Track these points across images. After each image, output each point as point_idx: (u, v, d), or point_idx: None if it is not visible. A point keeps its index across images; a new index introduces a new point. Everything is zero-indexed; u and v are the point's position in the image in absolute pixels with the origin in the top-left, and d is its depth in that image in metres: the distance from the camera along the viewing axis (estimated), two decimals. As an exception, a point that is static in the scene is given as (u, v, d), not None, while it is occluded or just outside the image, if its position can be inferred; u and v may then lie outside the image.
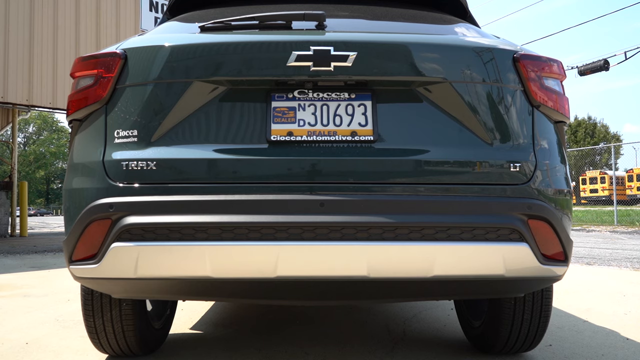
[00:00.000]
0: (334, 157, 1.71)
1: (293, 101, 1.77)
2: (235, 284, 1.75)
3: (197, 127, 1.76)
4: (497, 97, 1.81)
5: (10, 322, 3.09)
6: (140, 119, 1.76)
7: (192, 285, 1.76)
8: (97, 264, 1.68)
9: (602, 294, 3.97)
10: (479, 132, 1.78)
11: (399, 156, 1.73)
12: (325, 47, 1.71)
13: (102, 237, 1.68)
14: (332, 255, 1.64)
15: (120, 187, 1.71)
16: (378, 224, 1.63)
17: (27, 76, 10.36)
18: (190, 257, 1.64)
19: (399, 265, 1.66)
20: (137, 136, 1.75)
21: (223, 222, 1.63)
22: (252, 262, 1.65)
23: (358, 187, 1.69)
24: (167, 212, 1.65)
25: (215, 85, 1.76)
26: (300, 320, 3.06)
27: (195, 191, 1.68)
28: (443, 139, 1.77)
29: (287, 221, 1.63)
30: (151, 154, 1.73)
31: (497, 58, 1.83)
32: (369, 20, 2.18)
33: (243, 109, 1.78)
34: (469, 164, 1.73)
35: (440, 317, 3.14)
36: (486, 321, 2.31)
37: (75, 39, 11.09)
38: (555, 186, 1.80)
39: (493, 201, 1.71)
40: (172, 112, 1.75)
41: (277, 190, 1.67)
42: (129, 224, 1.65)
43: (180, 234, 1.64)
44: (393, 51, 1.78)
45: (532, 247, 1.70)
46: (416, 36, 1.91)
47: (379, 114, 1.77)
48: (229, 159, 1.72)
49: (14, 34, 10.16)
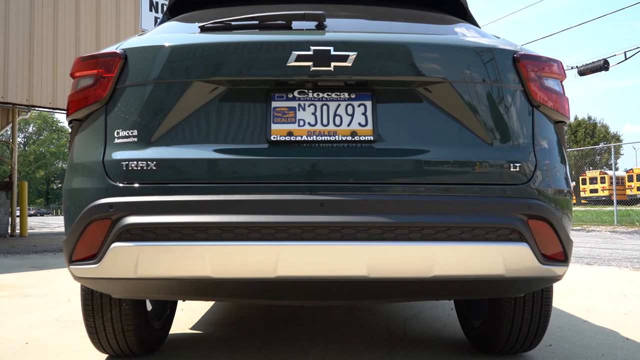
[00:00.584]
0: (334, 157, 1.71)
1: (293, 101, 1.77)
2: (235, 284, 1.75)
3: (197, 127, 1.76)
4: (497, 97, 1.81)
5: (10, 322, 3.09)
6: (140, 119, 1.76)
7: (192, 286, 1.76)
8: (97, 264, 1.68)
9: (602, 294, 3.97)
10: (479, 132, 1.78)
11: (399, 156, 1.73)
12: (325, 47, 1.71)
13: (102, 237, 1.68)
14: (332, 255, 1.64)
15: (120, 187, 1.70)
16: (378, 224, 1.63)
17: (27, 76, 10.36)
18: (190, 257, 1.64)
19: (399, 265, 1.66)
20: (137, 136, 1.75)
21: (223, 222, 1.63)
22: (252, 262, 1.65)
23: (358, 187, 1.69)
24: (167, 212, 1.65)
25: (215, 86, 1.76)
26: (300, 320, 3.06)
27: (196, 191, 1.68)
28: (443, 139, 1.77)
29: (287, 221, 1.63)
30: (151, 154, 1.73)
31: (497, 58, 1.83)
32: (369, 20, 2.18)
33: (243, 109, 1.78)
34: (469, 164, 1.73)
35: (440, 317, 3.13)
36: (486, 321, 2.31)
37: (75, 39, 11.10)
38: (555, 186, 1.80)
39: (493, 201, 1.71)
40: (172, 112, 1.75)
41: (277, 190, 1.67)
42: (129, 224, 1.65)
43: (180, 234, 1.64)
44: (393, 51, 1.78)
45: (532, 247, 1.70)
46: (416, 36, 1.91)
47: (379, 114, 1.77)
48: (229, 159, 1.72)
49: (14, 34, 10.16)
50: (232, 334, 2.75)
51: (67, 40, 10.93)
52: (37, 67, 10.48)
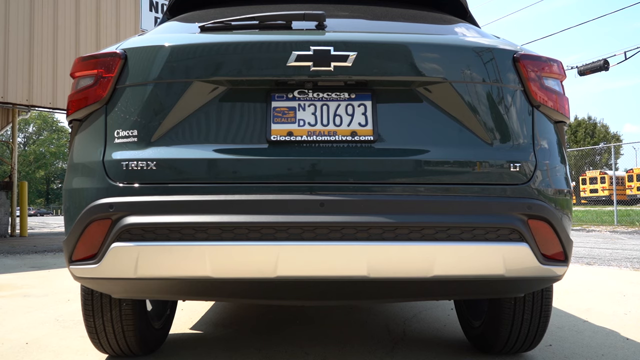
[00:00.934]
0: (334, 157, 1.71)
1: (293, 101, 1.77)
2: (235, 284, 1.75)
3: (197, 127, 1.76)
4: (497, 97, 1.81)
5: (10, 322, 3.09)
6: (140, 119, 1.76)
7: (192, 285, 1.76)
8: (97, 264, 1.68)
9: (602, 294, 3.97)
10: (479, 132, 1.78)
11: (399, 156, 1.73)
12: (325, 47, 1.71)
13: (102, 237, 1.68)
14: (332, 255, 1.64)
15: (120, 187, 1.71)
16: (378, 224, 1.63)
17: (27, 76, 10.37)
18: (190, 257, 1.64)
19: (399, 265, 1.66)
20: (137, 136, 1.75)
21: (223, 222, 1.63)
22: (252, 262, 1.65)
23: (358, 187, 1.69)
24: (167, 212, 1.65)
25: (215, 86, 1.76)
26: (300, 320, 3.06)
27: (195, 191, 1.68)
28: (443, 139, 1.77)
29: (287, 221, 1.63)
30: (151, 154, 1.73)
31: (497, 58, 1.83)
32: (369, 20, 2.18)
33: (243, 109, 1.78)
34: (469, 164, 1.73)
35: (440, 317, 3.14)
36: (486, 321, 2.31)
37: (75, 38, 11.10)
38: (555, 186, 1.80)
39: (493, 201, 1.71)
40: (172, 112, 1.75)
41: (277, 190, 1.67)
42: (129, 224, 1.65)
43: (180, 234, 1.64)
44: (393, 51, 1.78)
45: (532, 247, 1.70)
46: (416, 36, 1.91)
47: (378, 114, 1.77)
48: (229, 159, 1.72)
49: (14, 34, 10.16)
50: (232, 334, 2.75)
51: (67, 40, 10.94)
52: (37, 67, 10.48)
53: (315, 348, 2.46)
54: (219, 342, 2.58)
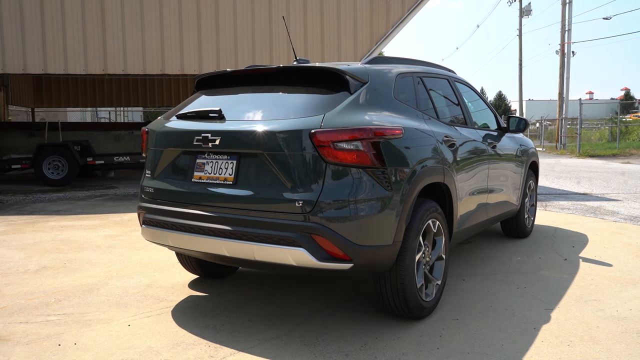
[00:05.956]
0: (216, 190, 3.16)
1: (203, 159, 3.29)
2: (180, 250, 3.50)
3: (167, 171, 3.47)
4: (300, 158, 2.89)
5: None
6: (151, 165, 3.58)
7: (169, 245, 3.50)
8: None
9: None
10: (286, 179, 2.92)
11: (244, 191, 3.06)
12: (205, 134, 3.16)
13: (141, 220, 3.61)
14: (210, 242, 3.15)
15: (144, 199, 3.59)
16: (229, 230, 3.05)
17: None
18: (163, 235, 3.42)
19: (239, 251, 3.06)
20: (149, 173, 3.58)
21: (174, 220, 3.32)
22: (184, 240, 3.30)
23: (224, 207, 3.12)
24: (157, 213, 3.44)
25: (176, 150, 3.42)
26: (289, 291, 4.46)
27: (165, 203, 3.40)
28: (268, 183, 3.00)
29: (194, 223, 3.21)
30: (152, 184, 3.53)
31: (301, 134, 2.88)
32: (251, 110, 3.32)
33: (185, 163, 3.39)
34: (278, 199, 2.93)
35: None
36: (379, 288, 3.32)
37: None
38: (333, 215, 2.84)
39: (287, 222, 2.90)
40: (159, 163, 3.51)
41: (194, 206, 3.24)
42: (145, 216, 3.52)
43: (160, 224, 3.41)
44: (240, 134, 3.07)
45: (308, 250, 2.83)
46: (250, 124, 3.09)
47: (240, 168, 3.13)
48: (176, 190, 3.37)
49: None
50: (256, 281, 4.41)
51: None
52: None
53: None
54: (252, 282, 4.29)
